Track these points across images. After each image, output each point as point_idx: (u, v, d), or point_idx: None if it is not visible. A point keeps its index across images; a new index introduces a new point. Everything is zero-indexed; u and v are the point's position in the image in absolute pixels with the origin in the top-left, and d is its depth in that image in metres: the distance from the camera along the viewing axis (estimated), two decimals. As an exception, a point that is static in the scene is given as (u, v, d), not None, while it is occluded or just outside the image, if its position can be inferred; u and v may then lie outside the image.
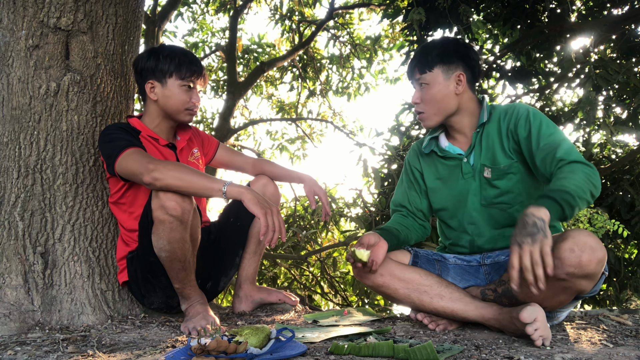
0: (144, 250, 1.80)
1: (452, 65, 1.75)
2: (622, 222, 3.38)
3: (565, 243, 1.40)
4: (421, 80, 1.77)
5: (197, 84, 1.94)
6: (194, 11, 8.45)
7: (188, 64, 1.90)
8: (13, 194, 1.84)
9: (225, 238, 2.10)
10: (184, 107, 1.92)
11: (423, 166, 1.92)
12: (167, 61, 1.89)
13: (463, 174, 1.80)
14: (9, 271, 1.77)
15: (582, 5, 4.41)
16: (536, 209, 1.40)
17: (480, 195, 1.77)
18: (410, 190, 1.94)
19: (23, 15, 1.87)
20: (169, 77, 1.89)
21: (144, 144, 1.86)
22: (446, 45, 1.77)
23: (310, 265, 5.42)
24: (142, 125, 1.94)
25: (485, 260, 1.77)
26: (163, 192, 1.62)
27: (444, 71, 1.75)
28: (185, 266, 1.75)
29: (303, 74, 8.57)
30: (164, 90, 1.90)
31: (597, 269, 1.40)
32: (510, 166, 1.72)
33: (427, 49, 1.78)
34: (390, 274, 1.70)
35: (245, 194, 1.61)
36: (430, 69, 1.75)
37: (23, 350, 1.44)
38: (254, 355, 1.25)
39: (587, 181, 1.47)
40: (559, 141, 1.61)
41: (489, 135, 1.77)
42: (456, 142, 1.84)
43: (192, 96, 1.93)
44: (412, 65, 1.82)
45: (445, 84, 1.75)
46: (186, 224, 1.68)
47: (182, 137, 2.05)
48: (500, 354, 1.34)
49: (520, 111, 1.73)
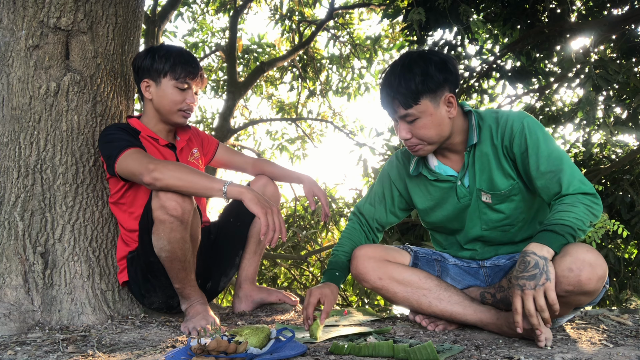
0: (144, 250, 1.80)
1: (439, 90, 1.55)
2: (622, 222, 3.38)
3: (564, 261, 1.36)
4: (408, 117, 1.57)
5: (192, 85, 1.92)
6: (194, 11, 8.45)
7: (183, 64, 1.88)
8: (13, 194, 1.84)
9: (225, 238, 2.10)
10: (176, 108, 1.90)
11: (410, 188, 1.80)
12: (163, 61, 1.87)
13: (459, 197, 1.69)
14: (9, 271, 1.77)
15: (582, 5, 4.41)
16: (538, 246, 1.37)
17: (480, 220, 1.69)
18: (379, 205, 1.86)
19: (23, 15, 1.87)
20: (163, 76, 1.88)
21: (143, 144, 1.85)
22: (426, 67, 1.54)
23: (310, 265, 5.42)
24: (141, 126, 1.94)
25: (485, 262, 1.77)
26: (163, 192, 1.62)
27: (432, 99, 1.54)
28: (185, 266, 1.75)
29: (303, 74, 8.57)
30: (158, 89, 1.90)
31: (597, 286, 1.37)
32: (512, 189, 1.62)
33: (404, 79, 1.53)
34: (389, 277, 1.69)
35: (245, 194, 1.60)
36: (416, 102, 1.53)
37: (23, 350, 1.44)
38: (254, 355, 1.25)
39: (588, 212, 1.44)
40: (558, 164, 1.52)
41: (482, 155, 1.63)
42: (447, 161, 1.71)
43: (187, 97, 1.91)
44: (388, 100, 1.58)
45: (436, 112, 1.56)
46: (186, 224, 1.68)
47: (182, 137, 2.05)
48: (500, 354, 1.34)
49: (515, 126, 1.59)
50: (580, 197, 1.47)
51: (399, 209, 1.87)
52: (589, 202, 1.46)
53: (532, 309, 1.33)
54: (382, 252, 1.74)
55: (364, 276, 1.71)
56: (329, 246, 5.15)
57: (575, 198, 1.47)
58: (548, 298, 1.33)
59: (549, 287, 1.33)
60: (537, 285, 1.33)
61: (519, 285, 1.35)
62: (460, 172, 1.68)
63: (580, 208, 1.44)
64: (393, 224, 1.93)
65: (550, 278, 1.33)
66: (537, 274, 1.33)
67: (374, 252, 1.73)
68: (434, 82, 1.54)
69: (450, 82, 1.57)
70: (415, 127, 1.58)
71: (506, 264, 1.72)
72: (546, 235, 1.40)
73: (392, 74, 1.57)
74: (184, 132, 2.07)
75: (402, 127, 1.60)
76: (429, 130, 1.58)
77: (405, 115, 1.56)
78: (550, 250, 1.37)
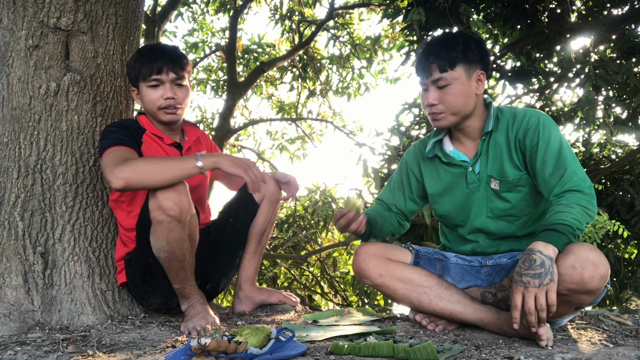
0: (142, 251, 1.79)
1: (474, 63, 1.64)
2: (622, 222, 3.38)
3: (567, 259, 1.37)
4: (441, 81, 1.63)
5: (163, 79, 1.84)
6: (194, 11, 8.45)
7: (147, 63, 1.83)
8: (13, 194, 1.84)
9: (225, 239, 2.10)
10: (156, 107, 1.86)
11: (423, 171, 1.85)
12: (133, 66, 1.87)
13: (468, 183, 1.73)
14: (9, 271, 1.77)
15: (582, 5, 4.41)
16: (543, 245, 1.37)
17: (486, 207, 1.71)
18: (397, 191, 1.92)
19: (23, 15, 1.87)
20: (138, 81, 1.88)
21: (147, 143, 1.85)
22: (467, 40, 1.64)
23: (310, 265, 5.42)
24: (149, 124, 1.92)
25: (487, 261, 1.77)
26: (160, 192, 1.62)
27: (466, 70, 1.63)
28: (184, 266, 1.75)
29: (303, 74, 8.57)
30: (140, 95, 1.90)
31: (599, 285, 1.37)
32: (520, 178, 1.66)
33: (447, 46, 1.63)
34: (389, 275, 1.69)
35: (221, 161, 1.65)
36: (452, 67, 1.62)
37: (23, 350, 1.44)
38: (254, 355, 1.25)
39: (584, 214, 1.45)
40: (564, 162, 1.56)
41: (496, 145, 1.68)
42: (461, 147, 1.76)
43: (163, 93, 1.85)
44: (426, 63, 1.65)
45: (468, 84, 1.64)
46: (184, 224, 1.68)
47: (190, 137, 2.03)
48: (500, 354, 1.34)
49: (531, 120, 1.64)
50: (577, 197, 1.48)
51: (417, 196, 1.90)
52: (586, 202, 1.48)
53: (532, 307, 1.33)
54: (383, 250, 1.75)
55: (364, 273, 1.72)
56: (329, 246, 5.14)
57: (573, 197, 1.49)
58: (548, 299, 1.33)
59: (551, 288, 1.33)
60: (541, 284, 1.33)
61: (522, 282, 1.35)
62: (473, 158, 1.72)
63: (577, 209, 1.45)
64: (414, 213, 1.96)
65: (554, 279, 1.33)
66: (543, 273, 1.33)
67: (375, 249, 1.73)
68: (472, 55, 1.63)
69: (484, 62, 1.67)
70: (444, 93, 1.64)
71: (508, 264, 1.73)
72: (550, 234, 1.40)
73: (434, 41, 1.66)
74: (192, 131, 2.06)
75: (432, 93, 1.65)
76: (457, 98, 1.64)
77: (439, 79, 1.63)
78: (556, 250, 1.37)
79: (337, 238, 5.89)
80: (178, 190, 1.64)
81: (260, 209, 2.10)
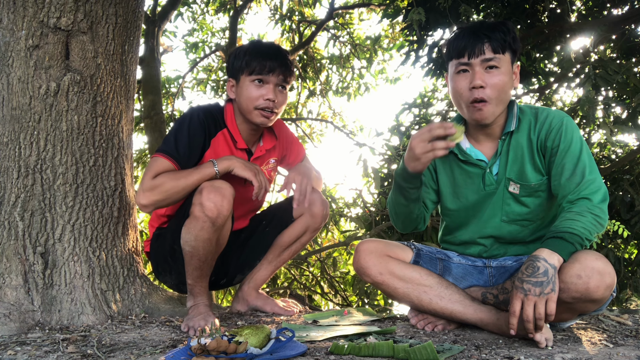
0: (172, 234, 1.83)
1: (516, 56, 1.59)
2: (622, 222, 3.38)
3: (572, 268, 1.35)
4: (493, 62, 1.54)
5: (270, 80, 1.80)
6: (194, 11, 8.45)
7: (260, 58, 1.78)
8: (13, 194, 1.84)
9: (252, 240, 2.10)
10: (253, 106, 1.80)
11: (437, 164, 1.78)
12: (241, 57, 1.81)
13: (485, 185, 1.66)
14: (9, 271, 1.77)
15: (582, 5, 4.41)
16: (549, 253, 1.36)
17: (502, 211, 1.66)
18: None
19: (23, 15, 1.87)
20: (241, 73, 1.82)
21: (218, 142, 1.85)
22: (513, 31, 1.57)
23: (310, 265, 5.42)
24: (232, 120, 1.88)
25: (492, 262, 1.75)
26: (206, 191, 1.66)
27: (512, 58, 1.58)
28: (202, 266, 1.77)
29: (303, 74, 8.56)
30: (238, 87, 1.85)
31: (604, 294, 1.35)
32: (541, 184, 1.62)
33: (500, 30, 1.55)
34: (390, 273, 1.68)
35: (234, 164, 1.73)
36: (503, 52, 1.55)
37: (23, 350, 1.44)
38: (254, 355, 1.25)
39: (595, 223, 1.43)
40: (583, 167, 1.52)
41: (517, 146, 1.62)
42: (479, 146, 1.69)
43: (265, 93, 1.79)
44: (477, 41, 1.54)
45: (510, 74, 1.57)
46: (218, 227, 1.70)
47: (264, 145, 1.96)
48: (500, 354, 1.34)
49: (554, 122, 1.59)
50: (590, 205, 1.46)
51: (432, 188, 1.82)
52: (599, 211, 1.45)
53: (531, 315, 1.33)
54: (384, 247, 1.73)
55: (364, 270, 1.71)
56: (329, 246, 5.14)
57: (586, 205, 1.46)
58: (547, 308, 1.32)
59: (551, 297, 1.32)
60: (542, 293, 1.32)
61: (523, 288, 1.34)
62: (492, 159, 1.66)
63: (588, 218, 1.43)
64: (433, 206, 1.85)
65: (555, 289, 1.32)
66: (545, 282, 1.32)
67: (376, 247, 1.72)
68: (518, 45, 1.59)
69: (518, 57, 1.61)
70: (492, 76, 1.54)
71: (512, 266, 1.71)
72: (557, 242, 1.38)
73: (484, 23, 1.58)
74: (271, 139, 1.99)
75: (479, 75, 1.54)
76: (504, 84, 1.55)
77: (490, 59, 1.54)
78: (561, 259, 1.36)
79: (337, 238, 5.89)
80: (223, 195, 1.66)
81: (294, 223, 2.07)
